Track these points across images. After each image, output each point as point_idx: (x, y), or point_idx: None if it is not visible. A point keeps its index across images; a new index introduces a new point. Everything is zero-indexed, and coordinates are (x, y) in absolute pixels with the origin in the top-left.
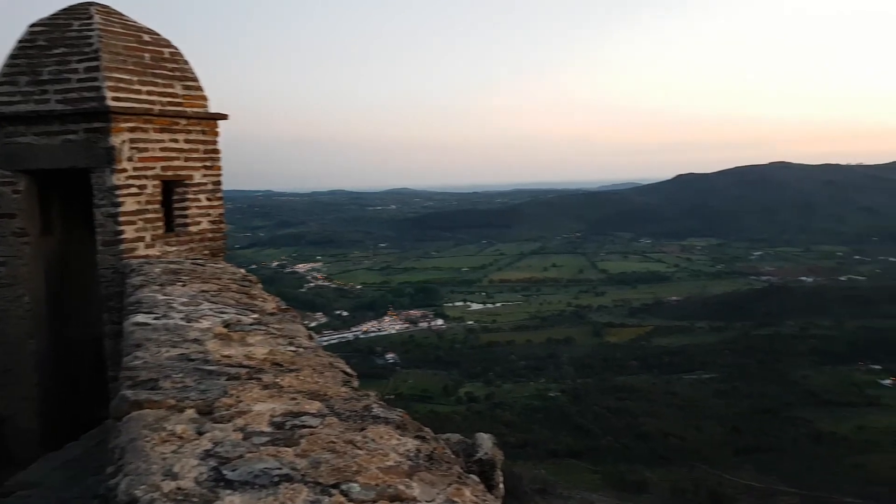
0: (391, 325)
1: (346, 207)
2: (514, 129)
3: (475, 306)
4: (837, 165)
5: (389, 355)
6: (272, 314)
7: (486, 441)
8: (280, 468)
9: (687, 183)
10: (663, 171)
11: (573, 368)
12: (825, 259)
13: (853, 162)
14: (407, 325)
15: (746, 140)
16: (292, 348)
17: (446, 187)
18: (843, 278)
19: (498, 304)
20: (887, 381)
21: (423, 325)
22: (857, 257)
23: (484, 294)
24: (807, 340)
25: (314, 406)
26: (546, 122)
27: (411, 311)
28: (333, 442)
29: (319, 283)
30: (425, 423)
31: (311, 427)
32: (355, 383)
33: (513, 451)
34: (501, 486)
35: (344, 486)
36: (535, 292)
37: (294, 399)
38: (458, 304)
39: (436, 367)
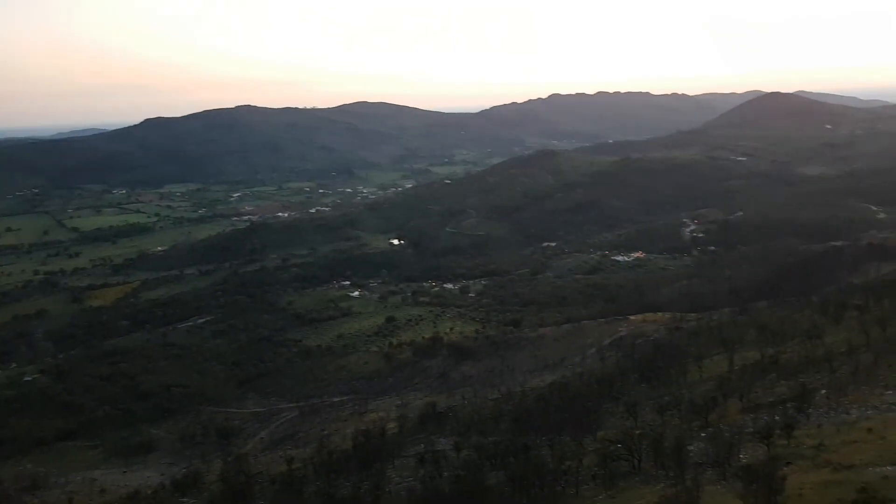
0: None
1: None
2: None
3: None
4: (297, 109)
5: None
6: None
7: None
8: None
9: (157, 127)
10: (129, 115)
11: (52, 343)
12: (296, 195)
13: (308, 106)
14: None
15: (211, 83)
16: None
17: None
18: (312, 210)
19: None
20: (356, 293)
21: None
22: (322, 191)
23: None
24: (289, 270)
25: None
26: None
27: None
28: None
29: None
30: None
31: None
32: None
33: None
34: None
35: None
36: None
37: None
38: None
39: None
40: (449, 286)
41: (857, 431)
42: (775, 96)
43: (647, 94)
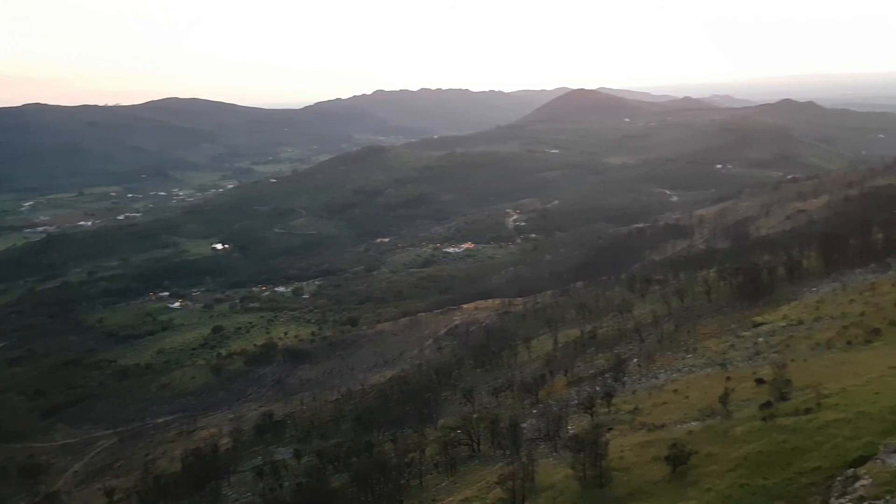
0: None
1: None
2: None
3: None
4: (97, 106)
5: None
6: None
7: None
8: None
9: None
10: None
11: None
12: (100, 201)
13: (111, 103)
14: None
15: None
16: None
17: None
18: (121, 217)
19: None
20: (176, 304)
21: None
22: (131, 195)
23: None
24: (97, 284)
25: None
26: None
27: None
28: None
29: None
30: None
31: None
32: None
33: None
34: None
35: None
36: None
37: None
38: None
39: None
40: (281, 289)
41: (665, 393)
42: (581, 93)
43: (467, 90)
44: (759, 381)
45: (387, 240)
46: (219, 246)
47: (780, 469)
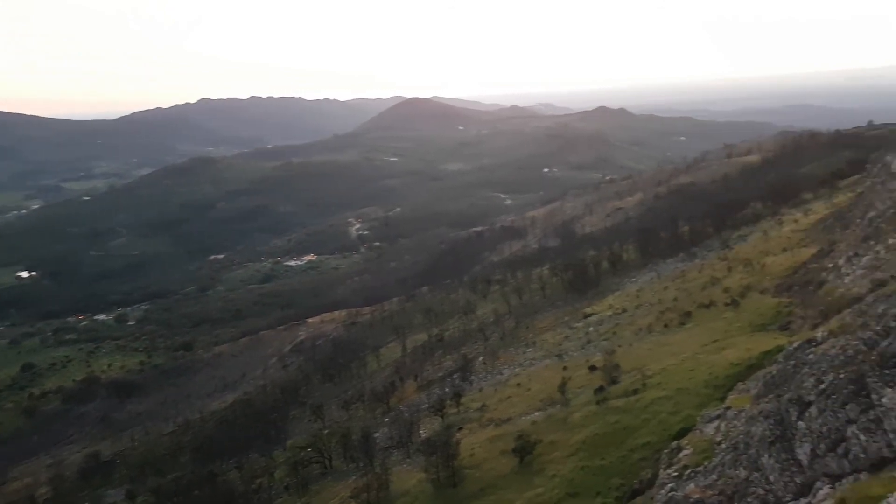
0: None
1: None
2: None
3: None
4: None
5: None
6: None
7: None
8: None
9: None
10: None
11: None
12: None
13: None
14: None
15: None
16: None
17: None
18: None
19: None
20: None
21: None
22: None
23: None
24: None
25: None
26: None
27: None
28: None
29: None
30: None
31: None
32: None
33: None
34: None
35: None
36: None
37: None
38: None
39: None
40: (102, 317)
41: (510, 388)
42: (416, 101)
43: (301, 98)
44: (592, 368)
45: (221, 256)
46: (24, 274)
47: (615, 448)
